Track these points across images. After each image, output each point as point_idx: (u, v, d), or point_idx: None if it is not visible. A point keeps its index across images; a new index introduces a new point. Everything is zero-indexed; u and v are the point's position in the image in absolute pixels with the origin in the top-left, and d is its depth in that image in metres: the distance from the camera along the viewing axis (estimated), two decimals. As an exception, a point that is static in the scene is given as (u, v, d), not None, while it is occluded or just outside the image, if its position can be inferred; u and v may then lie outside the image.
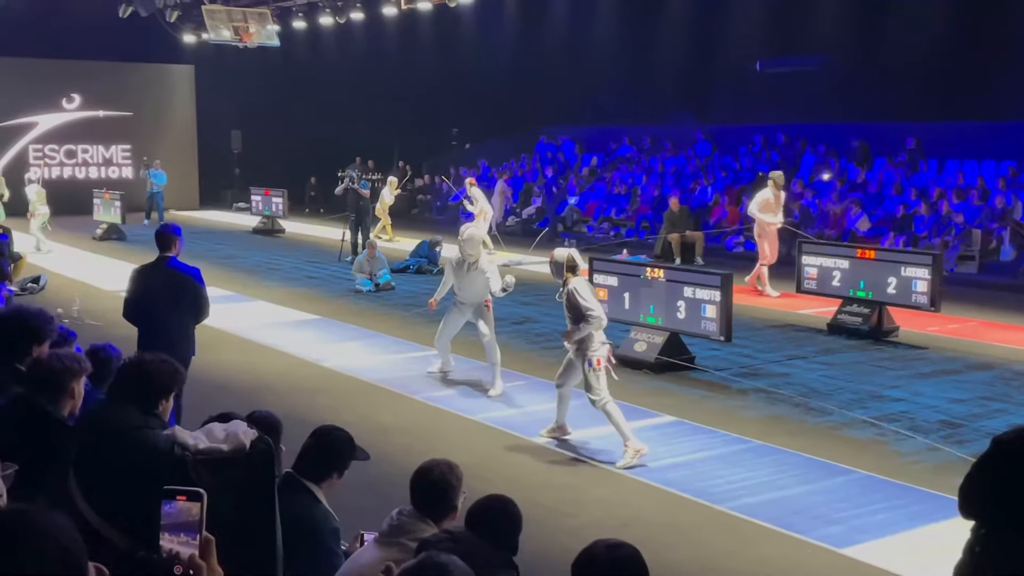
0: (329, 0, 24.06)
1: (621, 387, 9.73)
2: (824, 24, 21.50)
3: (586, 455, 7.85)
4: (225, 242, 22.51)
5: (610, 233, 22.86)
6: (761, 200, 15.32)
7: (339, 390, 9.88)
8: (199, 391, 7.71)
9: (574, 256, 7.94)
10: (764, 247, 15.33)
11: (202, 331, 12.51)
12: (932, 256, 12.24)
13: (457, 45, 27.75)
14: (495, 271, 9.47)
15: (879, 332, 11.95)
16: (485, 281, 9.40)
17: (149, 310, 7.36)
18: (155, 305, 7.32)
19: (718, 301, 9.97)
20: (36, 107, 28.42)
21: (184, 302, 7.41)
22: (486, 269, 9.43)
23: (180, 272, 7.46)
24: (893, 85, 20.60)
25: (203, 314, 7.59)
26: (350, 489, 4.91)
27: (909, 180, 19.84)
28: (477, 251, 9.55)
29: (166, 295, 7.36)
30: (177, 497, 2.22)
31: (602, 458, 7.70)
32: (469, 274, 9.50)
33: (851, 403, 9.28)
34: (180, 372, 3.86)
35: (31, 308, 4.82)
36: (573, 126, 28.33)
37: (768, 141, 23.45)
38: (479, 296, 9.58)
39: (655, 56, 24.45)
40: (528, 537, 4.06)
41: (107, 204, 22.85)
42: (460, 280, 9.62)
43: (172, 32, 26.14)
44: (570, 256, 7.90)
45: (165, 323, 7.26)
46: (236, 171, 30.88)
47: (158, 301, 7.33)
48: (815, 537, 6.26)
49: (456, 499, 4.04)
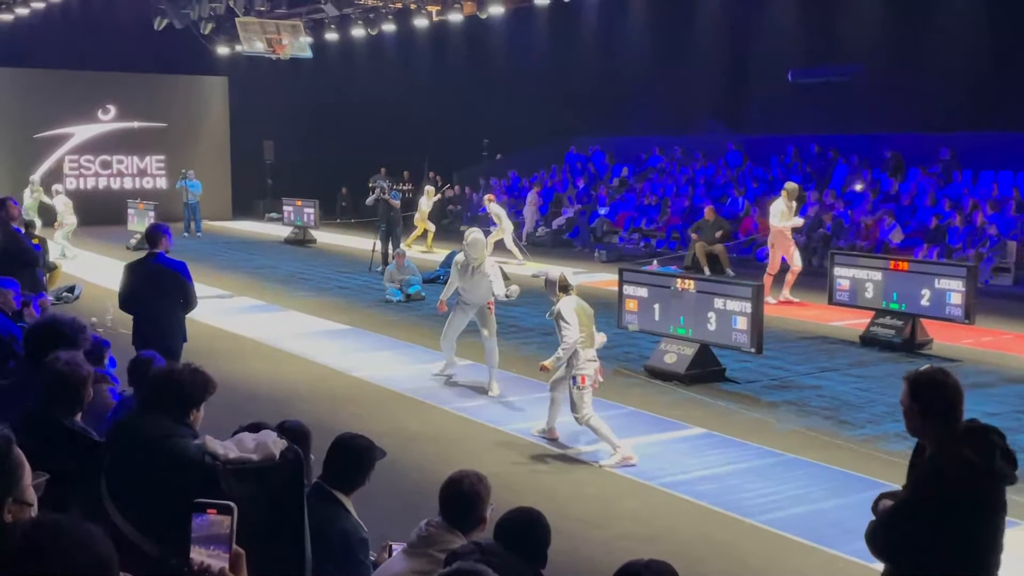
0: (361, 12, 24.22)
1: (651, 399, 9.72)
2: (856, 34, 21.38)
3: (614, 467, 7.81)
4: (257, 252, 22.67)
5: (640, 244, 22.81)
6: (778, 212, 15.29)
7: (368, 399, 9.90)
8: (229, 400, 7.76)
9: (566, 276, 8.16)
10: (776, 257, 15.39)
11: (234, 340, 12.67)
12: (967, 268, 12.10)
13: (488, 56, 27.85)
14: (498, 275, 9.78)
15: (912, 345, 11.82)
16: (488, 284, 9.70)
17: (141, 301, 8.05)
18: (145, 296, 8.02)
19: (749, 312, 9.91)
20: (72, 118, 28.78)
21: (171, 293, 8.05)
22: (489, 273, 9.72)
23: (167, 266, 8.06)
24: (927, 95, 20.44)
25: (191, 304, 8.16)
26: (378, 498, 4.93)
27: (943, 191, 19.66)
28: (481, 255, 9.81)
29: (155, 287, 8.01)
30: (208, 510, 2.22)
31: (631, 471, 7.66)
32: (473, 277, 9.80)
33: (884, 416, 9.18)
34: (211, 381, 3.89)
35: (64, 317, 4.87)
36: (603, 136, 28.32)
37: (800, 152, 23.32)
38: (482, 298, 9.88)
39: (687, 66, 24.39)
40: (557, 550, 4.04)
41: (141, 214, 23.08)
42: (464, 282, 9.92)
43: (206, 44, 26.40)
44: (563, 276, 8.15)
45: (155, 313, 7.97)
46: (268, 181, 31.10)
47: (148, 293, 8.01)
48: (848, 552, 6.18)
49: (485, 510, 4.03)
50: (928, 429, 3.66)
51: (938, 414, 3.62)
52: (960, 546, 3.52)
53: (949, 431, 3.59)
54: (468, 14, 22.56)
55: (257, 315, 14.63)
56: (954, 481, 3.50)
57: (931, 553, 3.52)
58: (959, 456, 3.49)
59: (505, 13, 22.91)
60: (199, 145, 30.42)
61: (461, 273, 9.92)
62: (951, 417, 3.62)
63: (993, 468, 3.49)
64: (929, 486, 3.59)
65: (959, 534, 3.50)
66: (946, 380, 3.67)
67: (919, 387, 3.67)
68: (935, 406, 3.63)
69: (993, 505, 3.57)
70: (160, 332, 7.77)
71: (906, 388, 3.71)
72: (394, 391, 10.17)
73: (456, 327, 10.23)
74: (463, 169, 29.78)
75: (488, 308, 9.95)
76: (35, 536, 1.76)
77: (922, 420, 3.66)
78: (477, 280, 9.78)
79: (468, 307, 10.04)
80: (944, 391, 3.64)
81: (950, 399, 3.64)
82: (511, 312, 14.46)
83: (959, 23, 19.52)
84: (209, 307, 15.15)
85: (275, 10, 23.82)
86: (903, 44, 20.68)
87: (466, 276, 9.87)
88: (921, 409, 3.65)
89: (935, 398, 3.64)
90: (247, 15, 23.30)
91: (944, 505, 3.49)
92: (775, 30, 22.96)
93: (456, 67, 28.54)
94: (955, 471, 3.49)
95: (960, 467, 3.48)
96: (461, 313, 10.15)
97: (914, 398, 3.67)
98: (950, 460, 3.51)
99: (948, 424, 3.61)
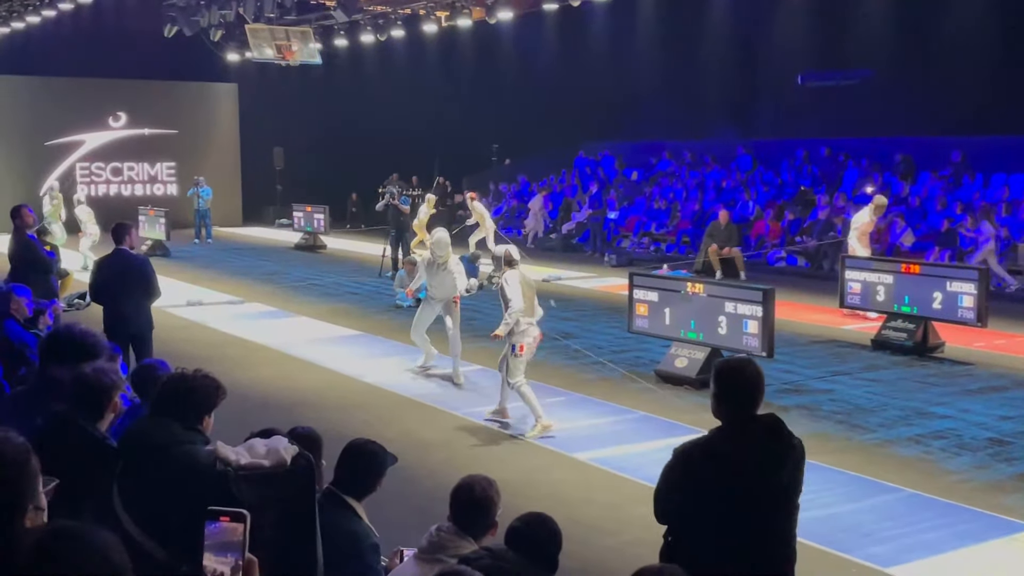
0: (370, 18, 24.26)
1: (662, 404, 9.70)
2: (867, 38, 21.33)
3: (627, 472, 7.80)
4: (267, 258, 22.71)
5: (650, 248, 22.78)
6: (860, 224, 14.44)
7: (379, 405, 9.91)
8: (239, 407, 7.77)
9: (511, 252, 9.06)
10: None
11: (244, 347, 12.69)
12: (978, 271, 12.05)
13: (497, 61, 27.87)
14: (462, 272, 10.72)
15: (924, 348, 11.78)
16: (453, 280, 10.57)
17: (108, 293, 8.87)
18: (113, 289, 8.84)
19: (760, 316, 9.89)
20: (83, 125, 28.87)
21: (135, 284, 8.85)
22: (454, 270, 10.58)
23: (130, 260, 8.97)
24: (938, 98, 20.37)
25: (154, 294, 8.98)
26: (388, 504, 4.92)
27: (954, 194, 19.59)
28: (446, 252, 10.65)
29: (120, 280, 8.83)
30: (220, 518, 2.22)
31: (642, 475, 7.63)
32: (439, 273, 10.67)
33: (897, 420, 9.15)
34: (222, 387, 3.90)
35: (80, 327, 4.87)
36: (613, 141, 28.30)
37: (811, 155, 23.27)
38: (448, 293, 10.72)
39: (696, 70, 24.36)
40: (568, 555, 4.03)
41: (152, 221, 23.16)
42: (431, 278, 10.81)
43: (216, 51, 26.48)
44: (507, 252, 9.09)
45: (121, 302, 8.80)
46: (278, 188, 31.16)
47: (115, 285, 8.83)
48: (862, 556, 6.16)
49: (496, 515, 4.03)
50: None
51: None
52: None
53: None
54: (477, 19, 22.58)
55: (267, 321, 14.66)
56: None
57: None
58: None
59: (514, 18, 22.91)
60: (209, 152, 30.50)
61: (428, 269, 10.83)
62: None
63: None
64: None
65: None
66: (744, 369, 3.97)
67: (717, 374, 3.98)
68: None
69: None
70: (127, 320, 8.74)
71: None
72: (404, 396, 10.18)
73: (424, 321, 11.03)
74: (473, 174, 29.79)
75: (454, 302, 10.73)
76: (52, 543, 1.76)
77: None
78: (443, 276, 10.64)
79: (435, 301, 10.87)
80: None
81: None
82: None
83: (970, 26, 19.45)
84: (219, 313, 15.22)
85: (284, 17, 23.87)
86: (914, 48, 20.61)
87: (432, 272, 10.74)
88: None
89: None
90: (257, 22, 23.35)
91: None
92: (785, 34, 22.91)
93: (465, 72, 28.56)
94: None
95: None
96: (428, 307, 10.98)
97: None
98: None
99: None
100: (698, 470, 3.85)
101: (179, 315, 15.01)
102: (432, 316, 11.01)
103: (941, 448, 8.32)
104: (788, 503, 3.91)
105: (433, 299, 10.88)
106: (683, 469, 3.90)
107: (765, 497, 3.81)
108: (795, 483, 3.91)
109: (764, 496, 3.81)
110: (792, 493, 3.91)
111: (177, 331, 13.66)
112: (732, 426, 3.90)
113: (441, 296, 10.75)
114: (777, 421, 3.95)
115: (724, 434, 3.90)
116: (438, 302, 10.83)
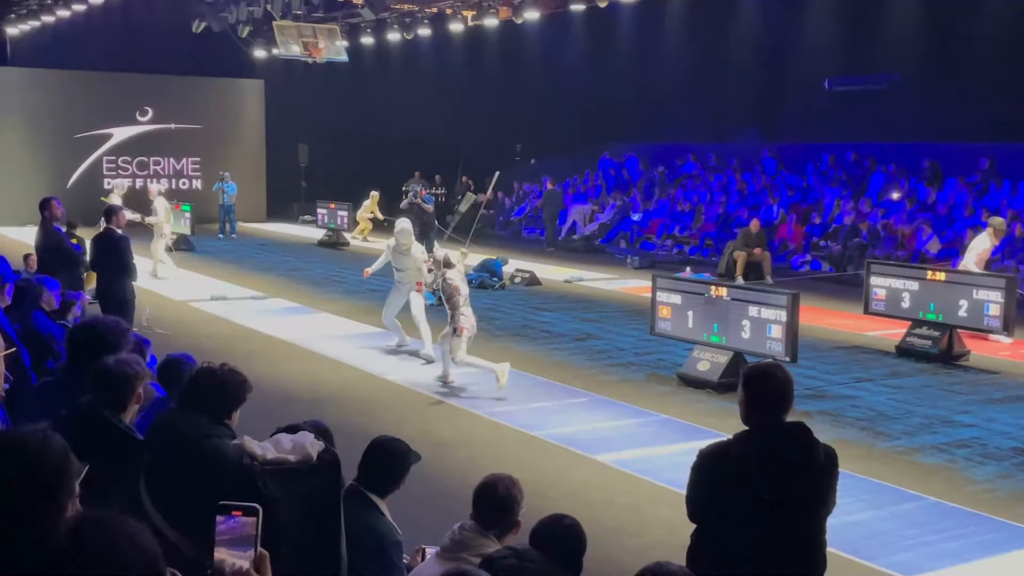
0: (397, 17, 24.32)
1: (684, 407, 9.67)
2: (894, 42, 21.19)
3: (648, 475, 7.78)
4: (291, 254, 22.80)
5: (673, 251, 22.72)
6: (981, 251, 13.55)
7: (400, 403, 9.92)
8: (262, 401, 7.79)
9: (449, 256, 10.30)
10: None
11: (267, 342, 12.74)
12: (1005, 279, 11.94)
13: (523, 61, 27.86)
14: (423, 266, 11.32)
15: (949, 356, 11.69)
16: (416, 265, 11.43)
17: (97, 264, 10.52)
18: (100, 260, 10.46)
19: (784, 321, 9.84)
20: (111, 119, 29.07)
21: (117, 259, 10.26)
22: (417, 257, 11.48)
23: (113, 238, 10.35)
24: (966, 104, 20.21)
25: (126, 269, 10.31)
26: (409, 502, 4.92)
27: (981, 201, 19.43)
28: (408, 240, 11.67)
29: (105, 254, 10.36)
30: (233, 512, 2.22)
31: (663, 478, 7.61)
32: (403, 259, 11.66)
33: (920, 428, 9.09)
34: (248, 382, 3.92)
35: (107, 320, 4.90)
36: (637, 143, 28.25)
37: (837, 160, 23.15)
38: (412, 278, 11.59)
39: (722, 73, 24.29)
40: (590, 557, 4.02)
41: (177, 215, 23.26)
42: (396, 262, 11.80)
43: (243, 47, 26.62)
44: (446, 256, 10.31)
45: (107, 273, 10.41)
46: (303, 184, 31.28)
47: (101, 258, 10.41)
48: (884, 564, 6.12)
49: (519, 515, 4.03)
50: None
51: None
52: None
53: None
54: (503, 19, 22.60)
55: (290, 317, 14.71)
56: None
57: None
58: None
59: (540, 18, 22.92)
60: (235, 147, 30.65)
61: (392, 253, 11.85)
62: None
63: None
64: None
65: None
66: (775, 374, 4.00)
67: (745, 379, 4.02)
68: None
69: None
70: (111, 288, 10.27)
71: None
72: (426, 395, 10.19)
73: (394, 305, 11.91)
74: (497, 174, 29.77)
75: (416, 287, 11.59)
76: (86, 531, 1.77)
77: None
78: (407, 262, 11.60)
79: (402, 285, 11.77)
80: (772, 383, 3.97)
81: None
82: (543, 318, 14.45)
83: (999, 31, 19.28)
84: (243, 308, 15.28)
85: (312, 14, 23.97)
86: (941, 53, 20.46)
87: (396, 256, 11.76)
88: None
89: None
90: (284, 19, 23.47)
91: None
92: (812, 38, 22.80)
93: (490, 72, 28.57)
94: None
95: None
96: (396, 292, 11.89)
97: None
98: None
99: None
100: (721, 472, 3.85)
101: (203, 309, 15.08)
102: (401, 300, 11.84)
103: (965, 457, 8.25)
104: (812, 511, 3.88)
105: (400, 284, 11.79)
106: (709, 470, 3.92)
107: (788, 503, 3.79)
108: (821, 491, 3.88)
109: (787, 502, 3.79)
110: (817, 502, 3.88)
111: (200, 325, 13.74)
112: (759, 431, 3.90)
113: (406, 280, 11.69)
114: (804, 429, 3.94)
115: (749, 438, 3.88)
116: (405, 286, 11.73)
